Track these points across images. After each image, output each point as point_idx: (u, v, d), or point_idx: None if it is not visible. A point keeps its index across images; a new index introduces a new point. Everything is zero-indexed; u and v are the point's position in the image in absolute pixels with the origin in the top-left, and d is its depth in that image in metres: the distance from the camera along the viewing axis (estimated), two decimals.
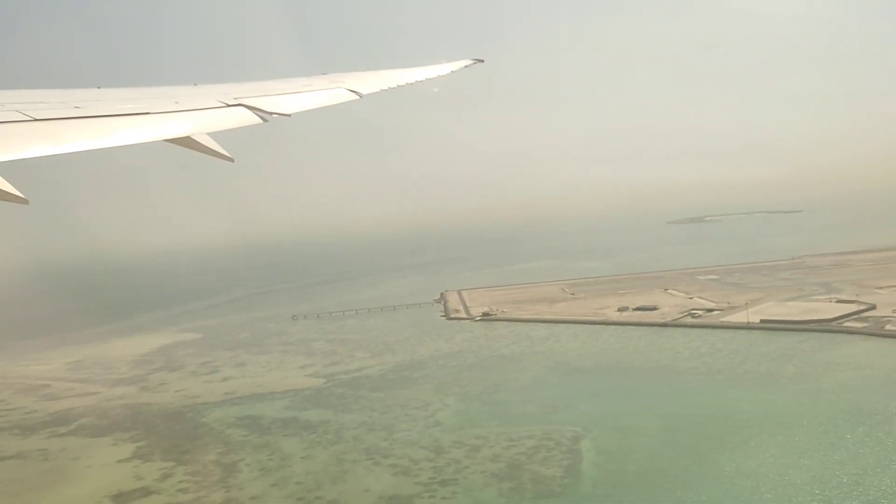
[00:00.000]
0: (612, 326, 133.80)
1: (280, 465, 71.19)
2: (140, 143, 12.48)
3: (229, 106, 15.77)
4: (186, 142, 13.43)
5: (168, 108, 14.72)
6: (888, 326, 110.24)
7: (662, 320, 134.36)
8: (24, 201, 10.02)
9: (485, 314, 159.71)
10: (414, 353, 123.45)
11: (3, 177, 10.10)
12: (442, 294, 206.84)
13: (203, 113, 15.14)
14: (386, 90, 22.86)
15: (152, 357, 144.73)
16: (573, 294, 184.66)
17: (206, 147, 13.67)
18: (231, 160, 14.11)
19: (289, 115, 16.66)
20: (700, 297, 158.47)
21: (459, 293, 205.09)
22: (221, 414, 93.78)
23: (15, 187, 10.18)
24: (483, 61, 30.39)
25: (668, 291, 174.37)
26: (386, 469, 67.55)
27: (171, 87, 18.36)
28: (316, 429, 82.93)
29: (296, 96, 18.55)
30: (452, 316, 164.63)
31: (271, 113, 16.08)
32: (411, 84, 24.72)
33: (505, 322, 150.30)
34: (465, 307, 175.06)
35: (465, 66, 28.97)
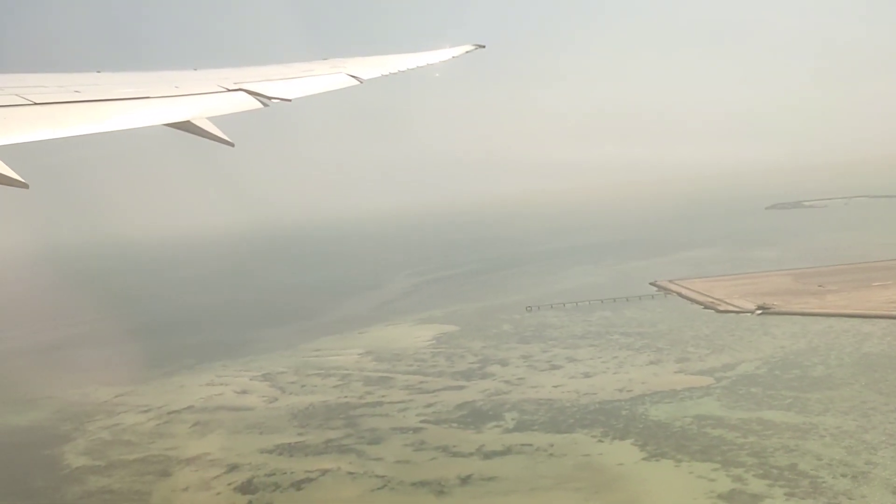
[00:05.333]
0: None
1: (863, 472, 70.24)
2: (140, 128, 13.03)
3: (230, 91, 15.98)
4: (187, 126, 13.60)
5: (168, 92, 14.73)
6: None
7: None
8: (25, 185, 9.99)
9: (762, 308, 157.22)
10: (757, 351, 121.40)
11: (4, 161, 10.10)
12: (657, 285, 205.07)
13: (203, 97, 15.24)
14: (387, 75, 23.02)
15: (445, 349, 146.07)
16: (821, 286, 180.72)
17: (207, 132, 13.77)
18: (231, 145, 13.99)
19: (290, 101, 16.89)
20: None
21: (677, 283, 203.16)
22: (660, 413, 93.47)
23: (16, 172, 10.25)
24: (485, 46, 29.93)
25: None
26: None
27: (172, 72, 18.60)
28: (814, 433, 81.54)
29: (296, 81, 18.89)
30: (721, 309, 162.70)
31: (272, 98, 16.37)
32: (412, 69, 24.74)
33: (796, 316, 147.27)
34: (719, 300, 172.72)
35: (466, 52, 28.92)
